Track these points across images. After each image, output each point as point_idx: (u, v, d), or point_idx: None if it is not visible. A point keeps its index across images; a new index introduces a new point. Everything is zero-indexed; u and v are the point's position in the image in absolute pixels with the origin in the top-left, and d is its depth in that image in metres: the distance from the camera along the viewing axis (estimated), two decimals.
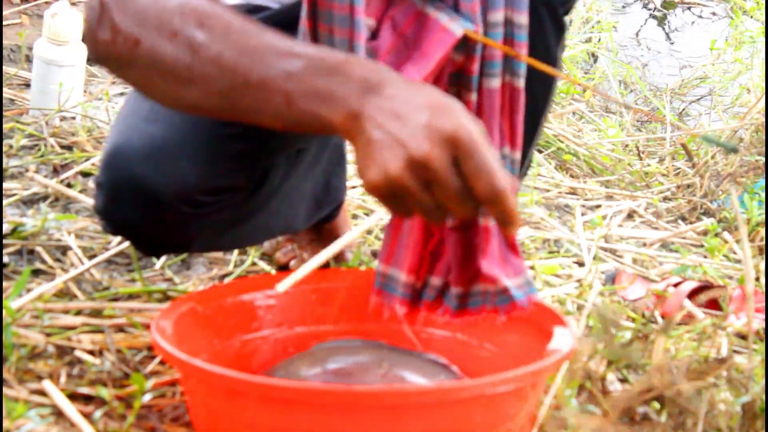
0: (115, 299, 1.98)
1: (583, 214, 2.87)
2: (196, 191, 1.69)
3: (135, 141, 1.66)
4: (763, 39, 4.31)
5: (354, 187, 2.62)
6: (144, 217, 1.67)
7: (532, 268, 2.38)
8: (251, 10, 1.72)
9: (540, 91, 1.74)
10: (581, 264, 2.49)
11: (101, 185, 1.69)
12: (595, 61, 4.51)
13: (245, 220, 1.82)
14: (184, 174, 1.67)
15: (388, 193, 1.25)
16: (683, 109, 4.32)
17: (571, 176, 3.30)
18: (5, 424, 1.47)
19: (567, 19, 1.75)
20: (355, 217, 2.57)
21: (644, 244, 2.73)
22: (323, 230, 2.21)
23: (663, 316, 2.13)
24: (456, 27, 1.49)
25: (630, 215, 2.97)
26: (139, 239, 1.75)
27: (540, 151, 3.34)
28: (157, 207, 1.67)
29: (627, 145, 3.60)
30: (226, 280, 2.10)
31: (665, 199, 3.15)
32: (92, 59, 1.55)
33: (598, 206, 3.00)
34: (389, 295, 1.60)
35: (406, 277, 1.59)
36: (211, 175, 1.70)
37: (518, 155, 1.59)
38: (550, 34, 1.71)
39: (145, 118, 1.69)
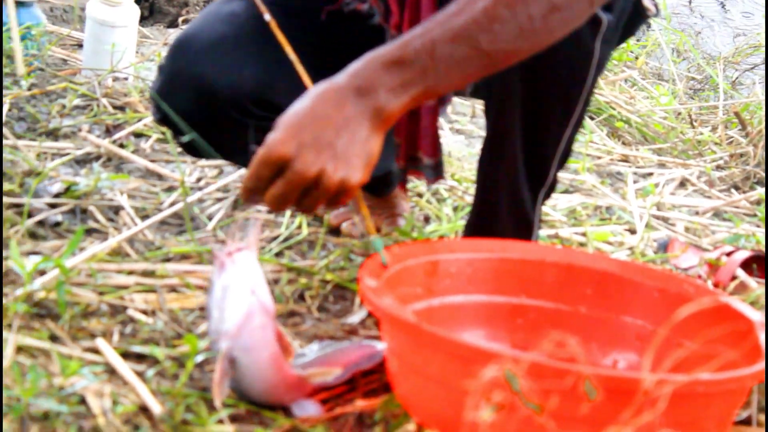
0: (167, 260, 1.98)
1: (635, 182, 2.85)
2: (249, 100, 1.73)
3: (204, 35, 1.72)
4: None
5: None
6: (193, 110, 1.73)
7: (584, 234, 2.37)
8: None
9: (568, 76, 1.69)
10: (633, 231, 2.47)
11: (162, 69, 1.77)
12: (648, 28, 4.46)
13: None
14: (243, 79, 1.69)
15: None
16: (736, 78, 4.27)
17: (623, 143, 3.27)
18: (59, 380, 1.48)
19: (605, 15, 1.65)
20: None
21: (697, 213, 2.71)
22: (380, 200, 2.20)
23: (715, 285, 2.12)
24: None
25: (682, 183, 2.95)
26: (182, 131, 1.78)
27: (591, 118, 3.31)
28: (209, 104, 1.71)
29: (679, 113, 3.56)
30: (276, 242, 2.10)
31: (718, 167, 3.12)
32: None
33: (650, 174, 2.98)
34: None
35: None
36: (269, 88, 1.73)
37: None
38: (583, 26, 1.58)
39: (222, 18, 1.74)
